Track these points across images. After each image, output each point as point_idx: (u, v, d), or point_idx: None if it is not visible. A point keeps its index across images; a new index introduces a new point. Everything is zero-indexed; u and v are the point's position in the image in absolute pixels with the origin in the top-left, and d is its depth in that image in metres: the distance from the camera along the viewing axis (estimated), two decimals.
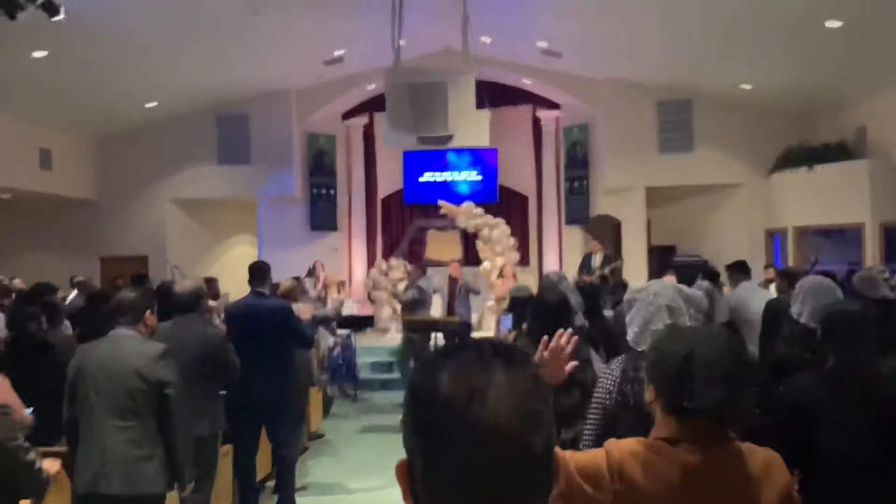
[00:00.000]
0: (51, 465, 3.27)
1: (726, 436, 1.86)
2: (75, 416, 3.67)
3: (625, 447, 1.87)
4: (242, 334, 5.65)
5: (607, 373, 2.87)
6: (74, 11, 7.59)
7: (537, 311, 4.04)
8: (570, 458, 1.83)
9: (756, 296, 6.54)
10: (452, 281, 10.80)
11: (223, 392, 5.15)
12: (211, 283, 8.74)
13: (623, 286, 8.82)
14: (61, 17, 7.39)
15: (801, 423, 2.87)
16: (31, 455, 2.95)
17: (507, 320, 9.63)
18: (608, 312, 9.75)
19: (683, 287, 2.98)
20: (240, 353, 5.58)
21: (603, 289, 11.40)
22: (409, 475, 0.99)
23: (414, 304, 9.59)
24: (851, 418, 2.75)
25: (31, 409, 3.56)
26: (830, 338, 3.02)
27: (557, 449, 1.78)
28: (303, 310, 6.41)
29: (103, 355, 3.70)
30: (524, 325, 4.36)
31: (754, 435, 3.67)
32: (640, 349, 2.65)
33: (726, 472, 1.82)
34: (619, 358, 2.90)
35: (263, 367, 5.56)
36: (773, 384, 3.73)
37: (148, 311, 3.95)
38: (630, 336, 2.81)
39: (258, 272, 5.90)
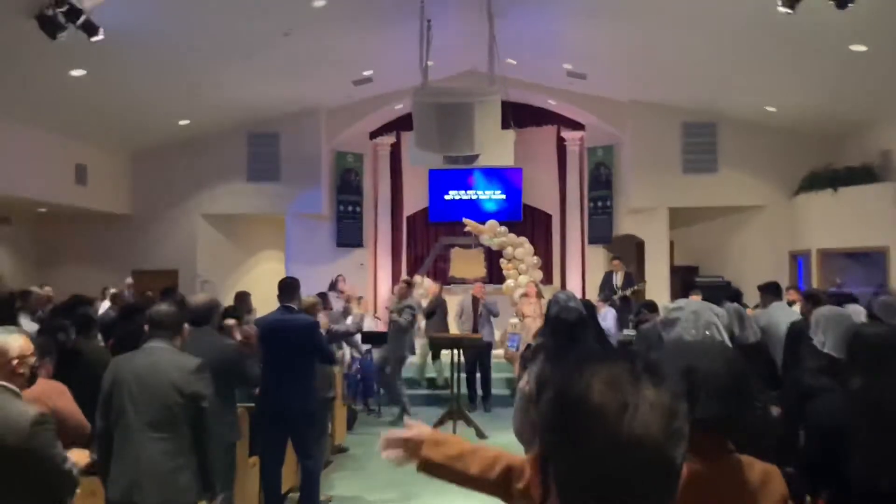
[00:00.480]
0: (80, 457, 3.38)
1: (726, 448, 1.93)
2: (109, 426, 3.75)
3: None
4: (270, 347, 5.82)
5: None
6: (112, 32, 7.84)
7: (555, 328, 4.12)
8: None
9: (786, 316, 6.56)
10: (476, 301, 10.95)
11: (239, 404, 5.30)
12: (244, 297, 8.88)
13: (648, 306, 8.85)
14: (100, 37, 7.66)
15: (828, 446, 2.91)
16: (69, 463, 3.09)
17: (515, 339, 9.76)
18: (630, 331, 9.86)
19: (712, 305, 3.07)
20: (267, 366, 5.76)
21: (625, 309, 11.55)
22: (541, 469, 1.06)
23: (412, 326, 10.07)
24: (878, 442, 2.77)
25: None
26: (856, 360, 3.04)
27: None
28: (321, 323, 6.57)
29: (139, 367, 3.78)
30: (531, 344, 4.45)
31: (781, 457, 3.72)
32: None
33: (726, 482, 1.88)
34: None
35: (290, 379, 5.72)
36: (800, 414, 3.78)
37: (185, 325, 4.11)
38: None
39: (288, 288, 6.05)
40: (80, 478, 3.21)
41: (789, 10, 6.84)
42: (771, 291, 7.16)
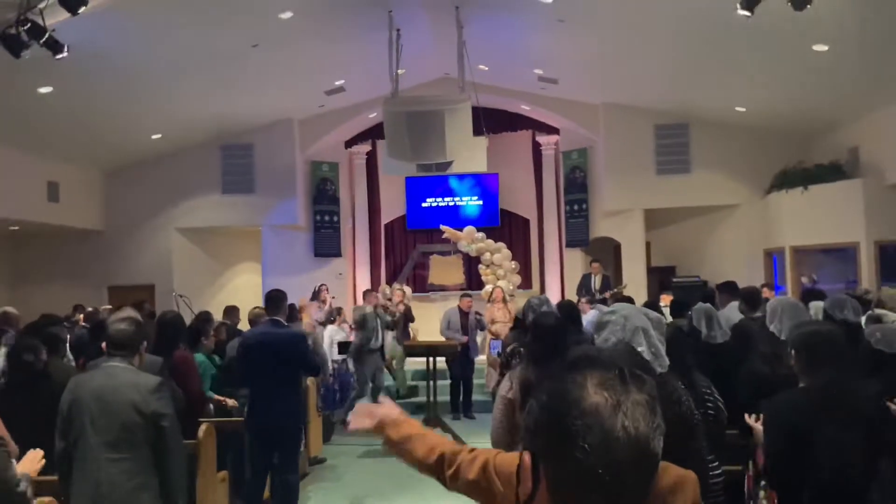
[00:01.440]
0: (32, 462, 3.34)
1: None
2: (69, 447, 3.70)
3: None
4: (257, 361, 5.79)
5: None
6: (78, 48, 7.81)
7: (535, 333, 4.14)
8: (492, 457, 1.95)
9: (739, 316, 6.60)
10: (464, 314, 10.91)
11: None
12: (232, 311, 8.82)
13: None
14: (65, 54, 7.63)
15: (789, 443, 2.96)
16: (23, 485, 3.06)
17: (496, 344, 9.78)
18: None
19: (648, 310, 3.11)
20: (256, 380, 5.76)
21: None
22: (533, 468, 1.16)
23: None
24: (839, 436, 2.83)
25: None
26: (807, 359, 3.09)
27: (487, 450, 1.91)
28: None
29: (98, 387, 3.73)
30: (508, 349, 4.46)
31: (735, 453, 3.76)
32: None
33: None
34: None
35: (279, 393, 5.72)
36: (755, 403, 3.82)
37: (144, 343, 4.07)
38: None
39: (274, 301, 6.00)
40: (35, 499, 3.19)
41: (748, 13, 6.92)
42: (728, 291, 7.20)
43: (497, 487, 1.90)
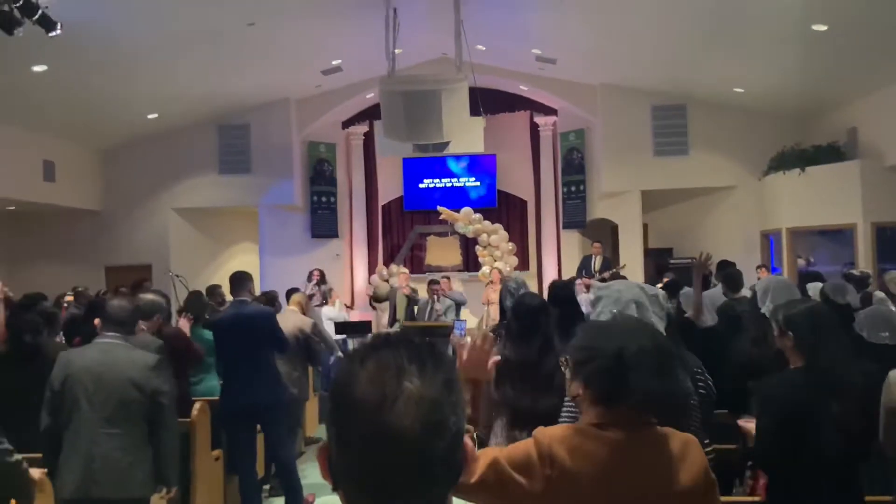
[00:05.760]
0: (36, 474, 3.37)
1: (648, 420, 1.98)
2: (59, 422, 3.72)
3: (553, 433, 1.97)
4: (230, 342, 5.81)
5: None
6: (72, 25, 7.72)
7: (517, 312, 4.13)
8: (501, 453, 1.93)
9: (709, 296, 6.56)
10: (430, 296, 11.00)
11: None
12: (215, 290, 8.85)
13: None
14: (58, 32, 7.55)
15: (789, 424, 2.94)
16: (18, 456, 3.07)
17: (461, 326, 9.74)
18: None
19: (646, 286, 3.10)
20: (229, 361, 5.79)
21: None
22: (328, 458, 1.08)
23: None
24: (842, 417, 2.83)
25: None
26: (807, 338, 3.04)
27: (468, 443, 1.92)
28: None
29: (93, 363, 3.76)
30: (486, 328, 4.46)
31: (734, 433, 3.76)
32: None
33: (647, 452, 1.94)
34: None
35: (253, 371, 5.71)
36: (743, 385, 3.82)
37: (140, 322, 4.08)
38: None
39: (238, 281, 6.04)
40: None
41: None
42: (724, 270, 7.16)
43: (515, 481, 1.88)
